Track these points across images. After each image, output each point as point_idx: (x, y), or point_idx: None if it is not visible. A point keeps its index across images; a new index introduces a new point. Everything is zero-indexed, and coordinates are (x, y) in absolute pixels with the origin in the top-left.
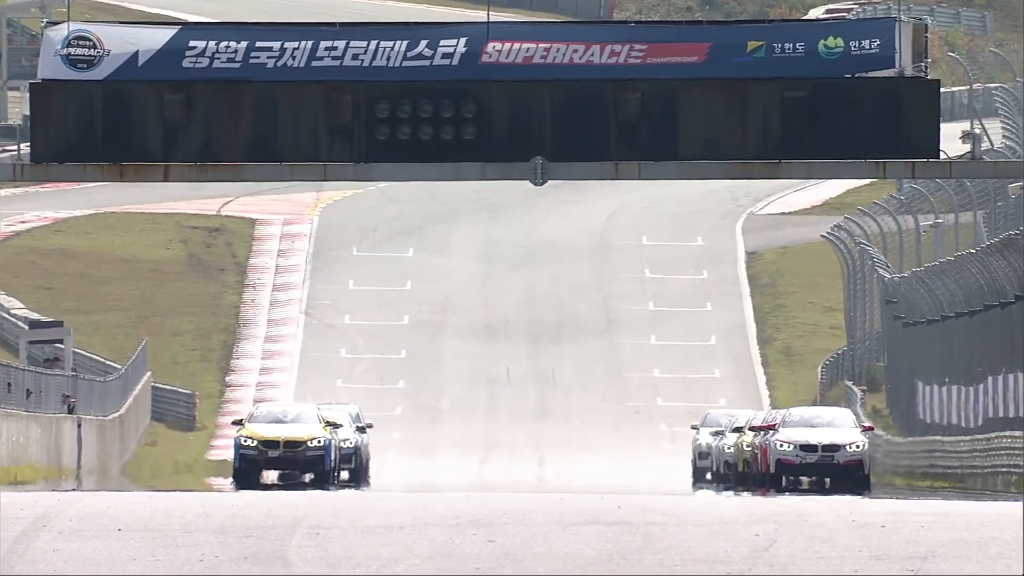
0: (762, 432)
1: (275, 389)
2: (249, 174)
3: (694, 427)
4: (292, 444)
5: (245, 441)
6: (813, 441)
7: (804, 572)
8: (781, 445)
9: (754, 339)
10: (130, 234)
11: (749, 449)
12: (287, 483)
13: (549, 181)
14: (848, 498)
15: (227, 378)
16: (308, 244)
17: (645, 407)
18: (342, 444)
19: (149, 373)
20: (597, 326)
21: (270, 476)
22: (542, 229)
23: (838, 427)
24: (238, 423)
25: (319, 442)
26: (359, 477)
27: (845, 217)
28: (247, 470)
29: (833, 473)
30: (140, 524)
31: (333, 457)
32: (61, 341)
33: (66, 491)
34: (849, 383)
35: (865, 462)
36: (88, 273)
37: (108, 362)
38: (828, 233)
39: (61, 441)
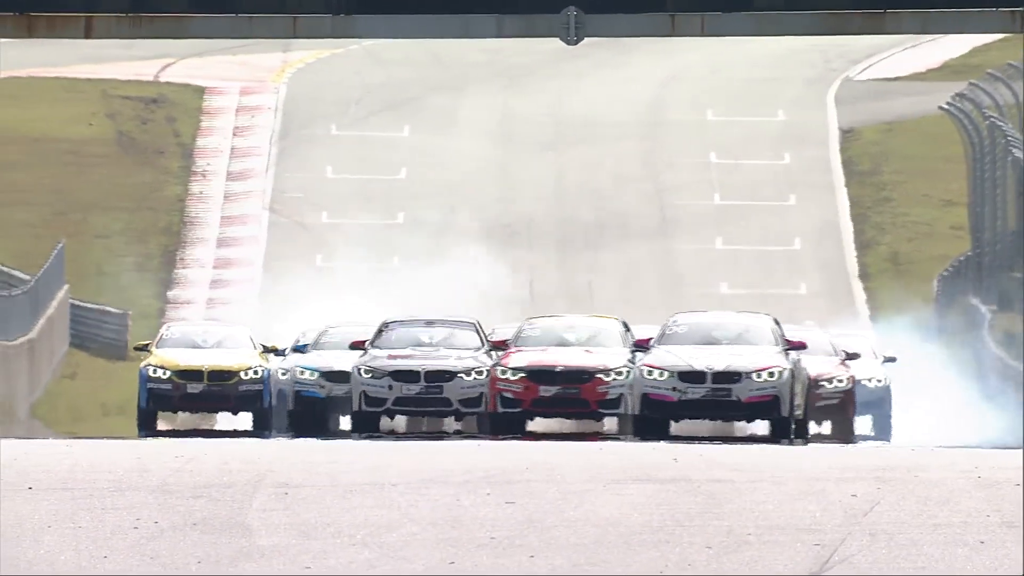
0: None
1: (230, 307)
2: (196, 29)
3: None
4: (219, 375)
5: (154, 372)
6: (699, 367)
7: (915, 542)
8: (650, 373)
9: (851, 243)
10: (42, 106)
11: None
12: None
13: (585, 39)
14: (974, 450)
15: (169, 293)
16: (273, 120)
17: None
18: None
19: (67, 286)
20: (647, 226)
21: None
22: (576, 101)
23: (747, 344)
24: (142, 348)
25: (255, 373)
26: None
27: (971, 83)
28: (157, 411)
29: (733, 414)
30: (57, 481)
31: (273, 393)
32: None
33: None
34: (975, 300)
35: (782, 399)
36: None
37: (13, 271)
38: (948, 104)
39: None
